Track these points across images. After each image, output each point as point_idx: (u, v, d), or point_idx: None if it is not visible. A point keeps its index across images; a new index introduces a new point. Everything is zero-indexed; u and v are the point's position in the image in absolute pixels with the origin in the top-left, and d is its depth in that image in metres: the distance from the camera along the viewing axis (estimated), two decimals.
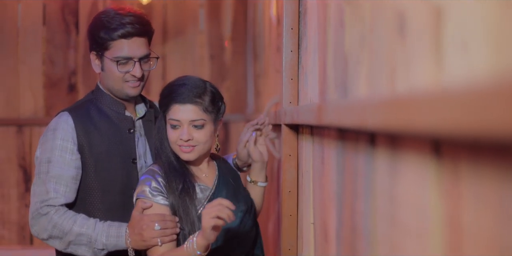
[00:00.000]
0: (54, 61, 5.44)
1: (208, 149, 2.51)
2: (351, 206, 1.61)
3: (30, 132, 5.41)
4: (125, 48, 2.57)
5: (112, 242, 2.51)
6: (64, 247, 2.57)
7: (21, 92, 5.42)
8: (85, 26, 5.24)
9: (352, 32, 1.61)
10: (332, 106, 1.56)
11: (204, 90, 2.44)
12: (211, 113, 2.43)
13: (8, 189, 5.38)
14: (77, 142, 2.61)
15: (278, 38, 3.45)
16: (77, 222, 2.52)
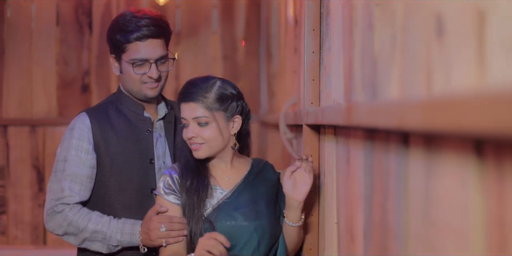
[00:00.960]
0: (68, 61, 5.46)
1: (220, 147, 2.48)
2: (381, 205, 1.62)
3: (44, 132, 5.43)
4: (140, 50, 2.61)
5: (126, 239, 2.59)
6: (78, 243, 2.65)
7: (34, 93, 5.44)
8: (99, 26, 5.29)
9: (382, 33, 1.62)
10: (364, 106, 1.57)
11: (208, 88, 2.44)
12: (218, 111, 2.43)
13: (22, 189, 5.40)
14: (93, 141, 2.67)
15: (295, 39, 3.46)
16: (92, 220, 2.59)
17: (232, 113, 2.45)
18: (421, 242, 1.31)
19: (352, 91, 1.97)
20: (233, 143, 2.49)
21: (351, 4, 2.00)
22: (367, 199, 1.77)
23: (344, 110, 1.78)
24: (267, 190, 2.53)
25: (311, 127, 2.62)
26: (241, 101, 2.49)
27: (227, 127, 2.46)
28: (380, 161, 1.62)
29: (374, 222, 1.69)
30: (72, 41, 5.46)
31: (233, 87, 2.50)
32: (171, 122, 2.81)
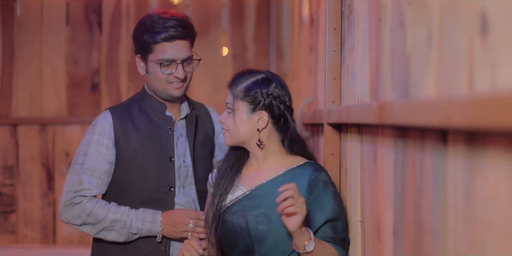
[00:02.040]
0: (77, 60, 5.46)
1: (242, 139, 2.47)
2: (415, 203, 1.63)
3: (53, 131, 5.43)
4: (168, 50, 2.65)
5: (147, 227, 2.68)
6: (95, 233, 2.72)
7: (44, 92, 5.44)
8: (108, 25, 5.30)
9: (416, 32, 1.63)
10: (400, 105, 1.57)
11: (244, 78, 2.47)
12: (243, 101, 2.43)
13: (31, 188, 5.41)
14: (113, 138, 2.73)
15: (311, 38, 3.47)
16: (111, 210, 2.68)
17: (255, 105, 2.42)
18: (462, 240, 1.32)
19: (380, 90, 1.98)
20: (257, 139, 2.45)
21: (378, 4, 2.01)
22: (398, 197, 1.78)
23: (375, 109, 1.79)
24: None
25: (332, 126, 2.63)
26: (273, 99, 2.42)
27: (249, 119, 2.44)
28: (414, 159, 1.63)
29: (407, 220, 1.70)
30: (82, 40, 5.47)
31: (267, 83, 2.44)
32: (192, 122, 2.85)
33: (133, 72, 5.44)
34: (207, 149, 2.91)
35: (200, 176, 2.83)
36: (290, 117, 2.46)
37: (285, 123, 2.44)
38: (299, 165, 2.44)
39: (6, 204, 5.42)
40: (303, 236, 2.22)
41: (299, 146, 2.48)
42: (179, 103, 2.85)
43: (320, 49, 3.18)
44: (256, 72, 2.48)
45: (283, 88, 2.46)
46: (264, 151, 2.48)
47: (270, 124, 2.44)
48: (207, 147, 2.91)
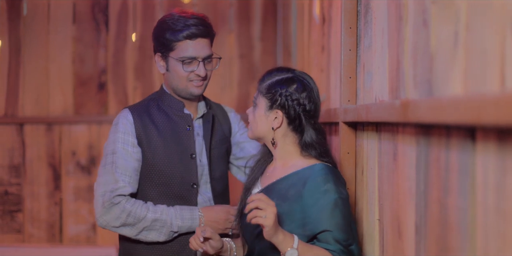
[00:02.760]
0: (84, 59, 5.46)
1: (260, 134, 2.47)
2: (439, 201, 1.63)
3: (60, 131, 5.43)
4: (189, 48, 2.67)
5: (187, 224, 2.70)
6: (135, 234, 2.70)
7: (51, 91, 5.44)
8: (115, 24, 5.30)
9: (441, 30, 1.64)
10: (427, 103, 1.57)
11: (270, 75, 2.48)
12: (264, 97, 2.44)
13: (38, 187, 5.41)
14: (136, 135, 2.73)
15: (323, 37, 3.48)
16: (150, 209, 2.67)
17: (272, 103, 2.41)
18: (493, 238, 1.32)
19: (401, 88, 1.98)
20: (271, 138, 2.45)
21: (399, 3, 2.02)
22: (421, 195, 1.78)
23: (398, 107, 1.79)
24: (288, 201, 2.36)
25: (348, 125, 2.63)
26: (290, 100, 2.39)
27: (266, 117, 2.44)
28: (439, 157, 1.63)
29: (430, 217, 1.70)
30: (89, 39, 5.47)
31: (288, 83, 2.42)
32: (209, 121, 2.86)
33: (140, 71, 5.45)
34: (223, 149, 2.92)
35: (215, 175, 2.84)
36: (307, 120, 2.41)
37: (300, 125, 2.42)
38: (307, 167, 2.40)
39: (13, 203, 5.42)
40: (283, 243, 2.20)
41: (315, 151, 2.42)
42: (197, 101, 2.86)
43: (333, 48, 3.18)
44: (286, 71, 2.47)
45: (305, 91, 2.41)
46: (279, 150, 2.47)
47: (285, 124, 2.43)
48: (223, 147, 2.92)
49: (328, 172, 2.35)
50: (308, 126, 2.42)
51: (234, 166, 3.06)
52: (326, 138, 2.49)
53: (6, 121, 5.41)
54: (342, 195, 2.31)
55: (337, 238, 2.25)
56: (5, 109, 5.43)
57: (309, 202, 2.30)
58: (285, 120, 2.42)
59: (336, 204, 2.28)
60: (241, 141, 2.99)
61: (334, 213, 2.27)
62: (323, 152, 2.43)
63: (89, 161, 5.43)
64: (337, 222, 2.26)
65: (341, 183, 2.35)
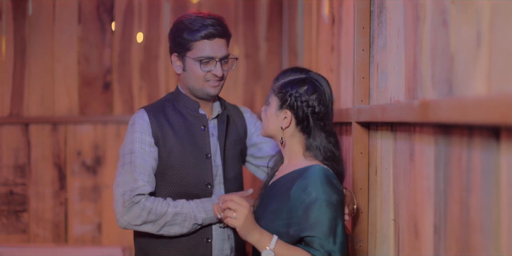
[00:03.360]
0: (89, 59, 5.46)
1: (271, 133, 2.50)
2: (461, 200, 1.63)
3: (65, 130, 5.43)
4: (207, 48, 2.68)
5: (210, 216, 2.71)
6: (157, 229, 2.70)
7: (56, 91, 5.44)
8: (121, 24, 5.29)
9: (462, 30, 1.64)
10: (449, 102, 1.57)
11: (285, 75, 2.49)
12: (276, 97, 2.46)
13: (43, 187, 5.41)
14: (152, 135, 2.74)
15: (333, 37, 3.48)
16: (170, 204, 2.68)
17: (282, 103, 2.43)
18: None
19: (418, 89, 1.98)
20: (280, 137, 2.47)
21: (416, 3, 2.02)
22: (440, 194, 1.78)
23: (417, 107, 1.79)
24: (279, 199, 2.40)
25: (361, 125, 2.63)
26: (300, 102, 2.40)
27: (276, 116, 2.46)
28: (460, 157, 1.64)
29: (451, 217, 1.70)
30: (94, 39, 5.47)
31: (300, 84, 2.43)
32: (224, 122, 2.87)
33: (146, 71, 5.45)
34: (237, 149, 2.92)
35: (229, 176, 2.85)
36: (316, 122, 2.42)
37: (307, 127, 2.43)
38: (304, 167, 2.40)
39: (18, 203, 5.42)
40: (259, 243, 2.28)
41: (320, 153, 2.42)
42: (212, 102, 2.87)
43: (344, 48, 3.18)
44: (300, 72, 2.48)
45: (316, 93, 2.41)
46: (287, 149, 2.49)
47: (294, 125, 2.44)
48: (237, 147, 2.92)
49: (320, 174, 2.33)
50: (316, 128, 2.43)
51: (252, 165, 3.08)
52: (338, 142, 2.48)
53: (11, 121, 5.41)
54: (329, 198, 2.28)
55: (320, 243, 2.24)
56: (11, 109, 5.42)
57: (295, 203, 2.31)
58: (294, 120, 2.44)
59: (320, 207, 2.27)
60: (258, 142, 3.00)
61: (318, 215, 2.26)
62: (329, 156, 2.42)
63: (95, 161, 5.43)
64: (321, 225, 2.25)
65: (333, 186, 2.31)
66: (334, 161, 2.42)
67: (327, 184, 2.30)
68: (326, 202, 2.26)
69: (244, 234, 2.31)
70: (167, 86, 5.46)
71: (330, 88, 2.47)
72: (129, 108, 5.45)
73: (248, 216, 2.30)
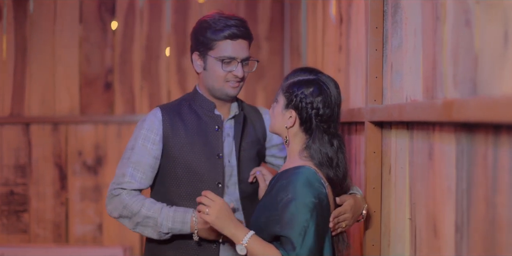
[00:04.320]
0: (90, 59, 5.45)
1: (278, 131, 2.53)
2: (486, 199, 1.63)
3: (66, 130, 5.42)
4: (229, 48, 2.70)
5: (177, 227, 2.68)
6: (132, 227, 2.74)
7: (57, 90, 5.43)
8: (122, 24, 5.30)
9: (487, 30, 1.65)
10: (477, 102, 1.58)
11: (295, 75, 2.51)
12: (283, 95, 2.49)
13: (44, 187, 5.40)
14: (162, 133, 2.78)
15: (340, 37, 3.48)
16: (145, 205, 2.69)
17: (289, 102, 2.46)
18: None
19: (438, 88, 1.99)
20: (285, 136, 2.50)
21: (435, 3, 2.02)
22: (462, 193, 1.79)
23: (441, 106, 1.80)
24: (267, 196, 2.46)
25: (374, 124, 2.64)
26: (305, 103, 2.43)
27: (282, 114, 2.49)
28: (486, 155, 1.64)
29: (475, 216, 1.70)
30: (95, 39, 5.46)
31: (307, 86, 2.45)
32: (240, 122, 2.87)
33: (147, 71, 5.45)
34: (254, 151, 2.91)
35: (244, 177, 2.85)
36: (319, 124, 2.43)
37: (310, 128, 2.45)
38: (293, 167, 2.43)
39: (19, 203, 5.41)
40: (234, 238, 2.39)
41: (316, 154, 2.43)
42: (230, 103, 2.87)
43: (353, 48, 3.19)
44: (309, 73, 2.49)
45: (321, 95, 2.43)
46: (290, 148, 2.52)
47: (297, 125, 2.47)
48: (254, 149, 2.91)
49: (303, 176, 2.36)
50: (319, 130, 2.45)
51: (274, 165, 3.09)
52: (342, 145, 2.48)
53: (12, 121, 5.39)
54: (305, 200, 2.30)
55: (290, 244, 2.28)
56: (11, 108, 5.41)
57: (275, 200, 2.36)
58: (298, 120, 2.47)
59: (294, 207, 2.30)
60: (279, 142, 3.00)
61: (291, 216, 2.30)
62: (325, 161, 2.43)
63: (96, 161, 5.43)
64: (292, 226, 2.29)
65: (312, 189, 2.33)
66: (330, 166, 2.43)
67: (306, 186, 2.33)
68: (301, 204, 2.30)
69: (218, 228, 2.41)
70: (168, 86, 5.46)
71: (339, 90, 2.48)
72: (130, 108, 5.44)
73: (221, 211, 2.40)
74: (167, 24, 5.48)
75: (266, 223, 2.37)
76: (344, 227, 2.47)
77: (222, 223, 2.40)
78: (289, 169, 2.43)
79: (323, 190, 2.36)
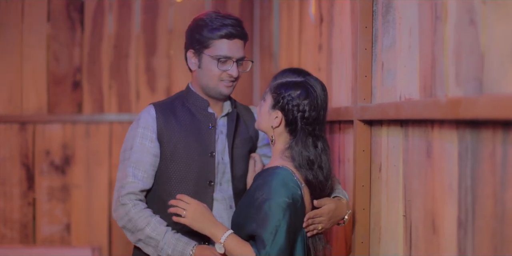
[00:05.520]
0: (59, 58, 5.39)
1: (264, 129, 2.58)
2: (494, 196, 1.67)
3: (33, 130, 5.35)
4: (226, 47, 2.71)
5: (176, 255, 2.62)
6: (134, 241, 2.71)
7: (24, 89, 5.36)
8: (91, 23, 5.25)
9: (494, 29, 1.68)
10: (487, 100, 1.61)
11: (283, 75, 2.54)
12: (271, 95, 2.52)
13: (11, 187, 5.32)
14: (156, 131, 2.76)
15: (320, 37, 3.51)
16: (150, 224, 2.65)
17: (276, 103, 2.50)
18: None
19: (437, 86, 2.02)
20: (271, 135, 2.54)
21: (434, 3, 2.06)
22: (466, 190, 1.82)
23: (446, 104, 1.83)
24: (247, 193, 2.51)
25: (364, 122, 2.66)
26: (291, 105, 2.47)
27: (269, 114, 2.53)
28: (494, 152, 1.67)
29: (482, 212, 1.73)
30: (63, 37, 5.40)
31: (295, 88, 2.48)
32: (233, 120, 2.88)
33: (116, 70, 5.41)
34: (246, 148, 2.93)
35: (237, 174, 2.86)
36: (304, 127, 2.47)
37: (295, 130, 2.49)
38: (271, 167, 2.48)
39: None
40: (213, 237, 2.47)
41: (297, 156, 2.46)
42: (223, 101, 2.88)
43: (336, 47, 3.22)
44: (298, 74, 2.53)
45: (308, 98, 2.47)
46: (274, 147, 2.55)
47: (283, 126, 2.51)
48: (246, 146, 2.93)
49: (279, 176, 2.41)
50: (303, 132, 2.48)
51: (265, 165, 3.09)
52: (326, 147, 2.51)
53: None
54: (278, 200, 2.34)
55: (262, 243, 2.32)
56: None
57: (251, 199, 2.41)
58: (284, 121, 2.50)
59: (268, 207, 2.34)
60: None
61: (264, 216, 2.34)
62: (305, 163, 2.46)
63: (63, 161, 5.37)
64: (265, 226, 2.33)
65: (286, 190, 2.38)
66: (311, 169, 2.46)
67: (280, 186, 2.37)
68: (275, 204, 2.34)
69: (197, 229, 2.50)
70: (137, 85, 5.43)
71: (326, 93, 2.52)
72: (99, 108, 5.40)
73: (196, 213, 2.49)
74: (136, 23, 5.45)
75: (245, 220, 2.42)
76: (320, 229, 2.50)
77: (200, 224, 2.48)
78: (268, 169, 2.48)
79: (298, 191, 2.40)
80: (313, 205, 2.48)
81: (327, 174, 2.49)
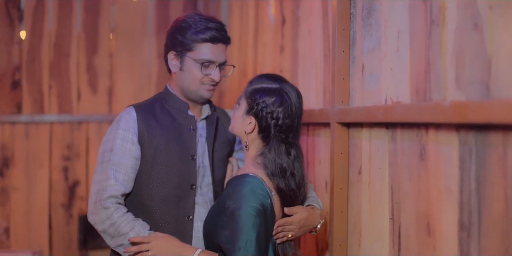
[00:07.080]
0: None
1: (236, 133, 2.57)
2: (504, 198, 1.69)
3: None
4: (209, 51, 2.67)
5: None
6: (114, 246, 2.64)
7: None
8: (30, 21, 5.13)
9: (502, 34, 1.70)
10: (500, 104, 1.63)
11: (259, 81, 2.52)
12: (245, 101, 2.51)
13: None
14: (137, 133, 2.70)
15: (283, 38, 3.50)
16: (134, 229, 2.59)
17: (250, 109, 2.49)
18: None
19: (433, 90, 2.03)
20: (245, 141, 2.53)
21: (428, 8, 2.07)
22: (471, 193, 1.84)
23: (448, 108, 1.84)
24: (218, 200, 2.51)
25: (342, 125, 2.67)
26: (265, 112, 2.46)
27: (242, 119, 2.52)
28: (503, 155, 1.69)
29: (490, 215, 1.75)
30: (2, 36, 5.24)
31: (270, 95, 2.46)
32: (213, 123, 2.84)
33: (56, 70, 5.29)
34: (225, 152, 2.90)
35: (217, 177, 2.83)
36: (277, 134, 2.46)
37: (268, 136, 2.48)
38: (242, 174, 2.47)
39: None
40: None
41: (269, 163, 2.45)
42: (201, 104, 2.84)
43: (302, 49, 3.21)
44: (274, 81, 2.51)
45: (282, 106, 2.46)
46: (247, 153, 2.54)
47: (256, 132, 2.50)
48: (225, 150, 2.90)
49: (248, 185, 2.39)
50: (276, 139, 2.47)
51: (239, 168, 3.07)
52: (299, 154, 2.51)
53: None
54: (247, 209, 2.32)
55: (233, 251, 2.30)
56: None
57: (222, 207, 2.40)
58: (257, 128, 2.50)
59: (238, 216, 2.32)
60: None
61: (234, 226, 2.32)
62: (277, 171, 2.45)
63: (2, 163, 5.21)
64: (235, 235, 2.31)
65: (255, 198, 2.36)
66: (283, 177, 2.45)
67: (250, 195, 2.35)
68: (245, 213, 2.31)
69: None
70: (78, 85, 5.32)
71: (301, 101, 2.52)
72: (39, 108, 5.27)
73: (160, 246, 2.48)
74: (78, 22, 5.34)
75: (216, 226, 2.40)
76: (290, 237, 2.49)
77: (170, 252, 2.47)
78: (238, 177, 2.46)
79: (267, 200, 2.39)
80: (283, 213, 2.47)
81: (299, 182, 2.48)
